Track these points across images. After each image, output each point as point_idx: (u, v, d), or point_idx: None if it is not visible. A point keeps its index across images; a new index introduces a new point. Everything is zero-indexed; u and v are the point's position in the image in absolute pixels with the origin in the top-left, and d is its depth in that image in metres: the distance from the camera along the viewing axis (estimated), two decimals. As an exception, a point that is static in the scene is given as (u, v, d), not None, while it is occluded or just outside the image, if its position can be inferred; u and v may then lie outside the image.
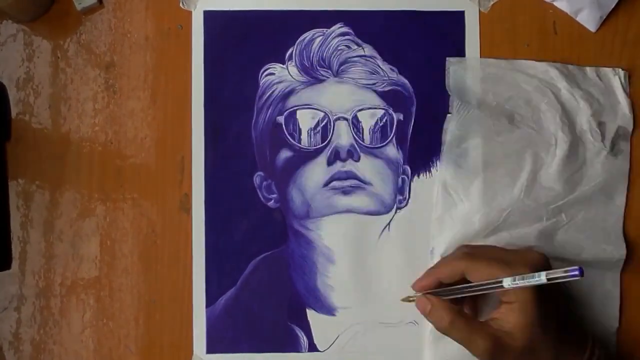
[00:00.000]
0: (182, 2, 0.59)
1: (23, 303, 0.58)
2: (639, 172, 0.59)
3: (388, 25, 0.60)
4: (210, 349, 0.58)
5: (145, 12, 0.59)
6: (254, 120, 0.59)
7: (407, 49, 0.60)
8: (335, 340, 0.58)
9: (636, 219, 0.59)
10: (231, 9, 0.59)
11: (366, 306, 0.58)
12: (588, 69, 0.59)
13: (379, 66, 0.59)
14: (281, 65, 0.59)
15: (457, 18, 0.60)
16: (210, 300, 0.58)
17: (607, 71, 0.59)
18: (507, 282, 0.47)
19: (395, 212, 0.59)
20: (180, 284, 0.58)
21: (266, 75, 0.59)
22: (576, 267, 0.43)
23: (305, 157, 0.59)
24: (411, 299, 0.56)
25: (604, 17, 0.59)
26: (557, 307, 0.50)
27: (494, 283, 0.49)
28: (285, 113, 0.59)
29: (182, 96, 0.59)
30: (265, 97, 0.59)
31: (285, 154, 0.59)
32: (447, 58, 0.59)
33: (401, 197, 0.59)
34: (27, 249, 0.58)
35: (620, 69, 0.59)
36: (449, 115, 0.59)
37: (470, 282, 0.52)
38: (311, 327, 0.58)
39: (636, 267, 0.58)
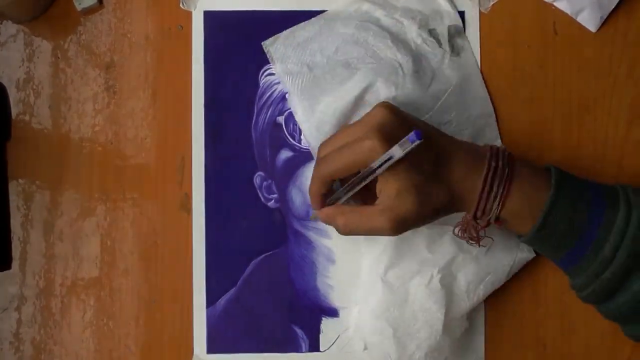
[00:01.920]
0: (182, 2, 0.59)
1: (23, 303, 0.58)
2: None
3: (388, 25, 0.60)
4: (211, 349, 0.58)
5: (145, 12, 0.59)
6: (254, 121, 0.59)
7: (408, 49, 0.60)
8: (335, 341, 0.58)
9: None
10: (231, 9, 0.59)
11: (366, 306, 0.59)
12: None
13: (379, 66, 0.59)
14: (281, 65, 0.59)
15: (457, 18, 0.60)
16: (210, 301, 0.58)
17: None
18: (369, 170, 0.48)
19: (396, 212, 0.59)
20: (180, 284, 0.58)
21: (266, 76, 0.59)
22: (411, 132, 0.44)
23: (305, 157, 0.59)
24: (314, 217, 0.56)
25: (605, 18, 0.59)
26: (431, 146, 0.49)
27: (361, 177, 0.49)
28: (286, 113, 0.59)
29: (182, 96, 0.59)
30: (265, 97, 0.59)
31: (285, 154, 0.59)
32: (262, 43, 0.58)
33: (401, 198, 0.59)
34: (28, 249, 0.58)
35: None
36: (287, 95, 0.58)
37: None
38: (311, 327, 0.58)
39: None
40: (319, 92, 0.57)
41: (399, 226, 0.49)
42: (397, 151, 0.46)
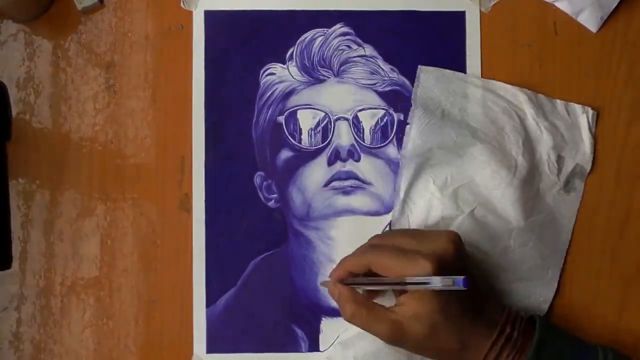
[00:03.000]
0: (183, 2, 0.59)
1: (23, 302, 0.58)
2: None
3: (388, 25, 0.60)
4: (211, 349, 0.58)
5: (145, 12, 0.59)
6: (254, 120, 0.59)
7: (408, 49, 0.60)
8: (335, 341, 0.58)
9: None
10: (232, 9, 0.59)
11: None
12: (558, 101, 0.59)
13: (380, 66, 0.59)
14: (282, 65, 0.59)
15: (457, 18, 0.60)
16: (210, 300, 0.58)
17: (576, 107, 0.59)
18: (404, 281, 0.48)
19: (396, 212, 0.59)
20: (180, 284, 0.58)
21: (267, 75, 0.59)
22: (462, 277, 0.44)
23: (305, 157, 0.59)
24: (325, 284, 0.56)
25: (605, 18, 0.59)
26: (467, 296, 0.50)
27: (393, 282, 0.49)
28: (286, 113, 0.59)
29: (182, 96, 0.59)
30: (265, 97, 0.59)
31: (285, 154, 0.59)
32: (420, 66, 0.59)
33: (401, 197, 0.59)
34: (28, 249, 0.58)
35: (589, 108, 0.59)
36: (407, 125, 0.58)
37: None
38: (311, 327, 0.58)
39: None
40: (436, 139, 0.58)
41: (398, 341, 0.50)
42: (436, 282, 0.46)
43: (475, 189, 0.58)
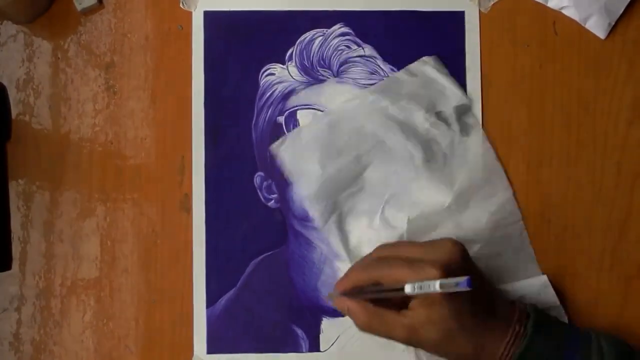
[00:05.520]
0: (182, 3, 0.59)
1: (23, 303, 0.58)
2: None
3: (388, 25, 0.60)
4: (211, 349, 0.58)
5: (145, 13, 0.59)
6: (254, 121, 0.59)
7: (407, 49, 0.60)
8: (335, 341, 0.58)
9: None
10: (231, 10, 0.59)
11: (366, 306, 0.58)
12: (397, 73, 0.58)
13: (379, 66, 0.59)
14: (281, 65, 0.59)
15: (457, 18, 0.60)
16: (210, 301, 0.58)
17: (416, 64, 0.58)
18: (408, 289, 0.47)
19: (396, 212, 0.59)
20: (180, 284, 0.58)
21: (266, 76, 0.59)
22: (465, 278, 0.44)
23: (305, 157, 0.59)
24: (330, 296, 0.55)
25: (613, 24, 0.59)
26: (479, 299, 0.50)
27: (398, 289, 0.48)
28: (286, 113, 0.59)
29: (182, 96, 0.59)
30: (265, 97, 0.59)
31: (285, 154, 0.59)
32: (270, 147, 0.58)
33: (401, 198, 0.59)
34: (28, 250, 0.58)
35: (425, 57, 0.59)
36: (296, 194, 0.58)
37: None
38: (311, 327, 0.58)
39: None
40: (334, 190, 0.57)
41: (414, 344, 0.51)
42: (437, 286, 0.46)
43: (396, 203, 0.58)
